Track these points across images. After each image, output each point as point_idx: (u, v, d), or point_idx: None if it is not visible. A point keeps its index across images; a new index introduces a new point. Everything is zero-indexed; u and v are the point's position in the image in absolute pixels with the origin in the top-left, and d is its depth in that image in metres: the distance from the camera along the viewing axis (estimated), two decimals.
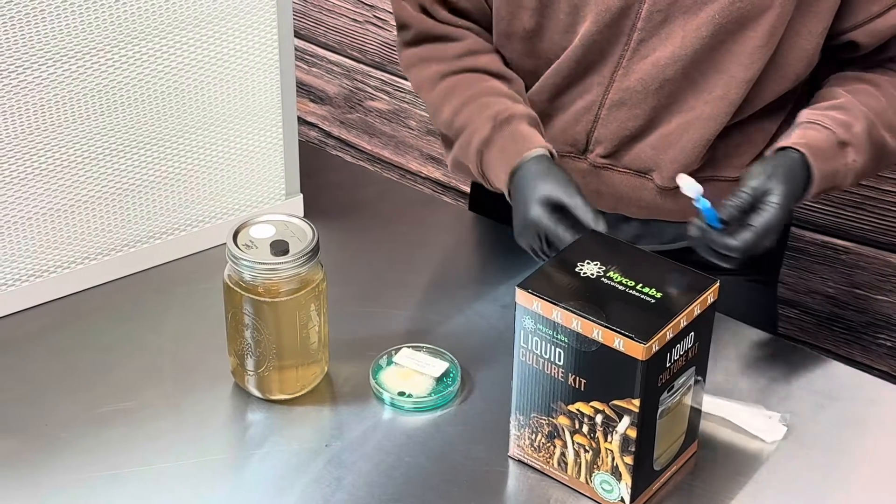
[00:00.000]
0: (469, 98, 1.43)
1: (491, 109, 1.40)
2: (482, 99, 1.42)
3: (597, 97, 1.42)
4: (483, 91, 1.43)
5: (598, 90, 1.42)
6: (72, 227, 1.49)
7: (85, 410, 1.32)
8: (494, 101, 1.42)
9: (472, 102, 1.43)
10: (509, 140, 1.38)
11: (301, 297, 1.29)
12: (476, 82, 1.45)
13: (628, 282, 1.18)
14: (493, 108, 1.41)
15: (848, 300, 2.03)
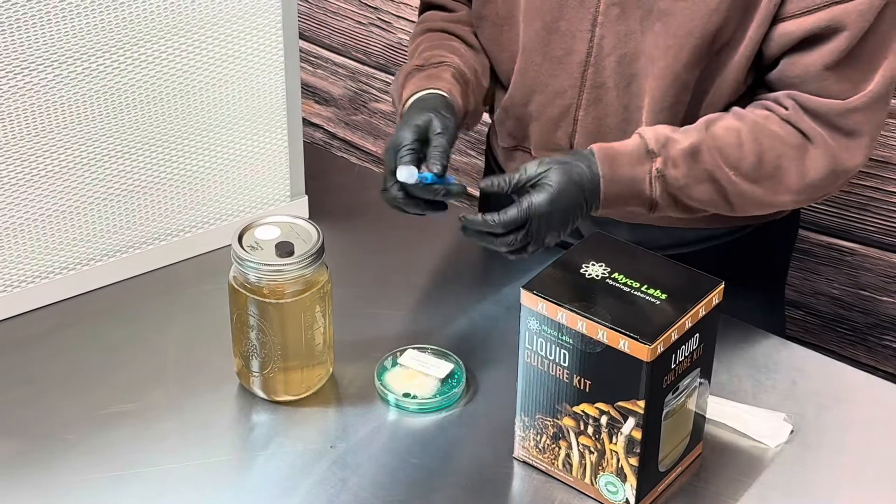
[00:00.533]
0: (429, 47, 1.47)
1: (432, 53, 1.44)
2: (436, 51, 1.46)
3: (572, 100, 1.42)
4: (442, 45, 1.47)
5: (571, 92, 1.42)
6: (77, 229, 1.48)
7: (90, 411, 1.32)
8: (441, 52, 1.45)
9: (428, 49, 1.47)
10: (424, 78, 1.40)
11: (306, 298, 1.29)
12: (445, 39, 1.49)
13: (633, 283, 1.18)
14: (435, 52, 1.44)
15: (853, 301, 2.02)
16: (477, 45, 1.50)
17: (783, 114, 1.33)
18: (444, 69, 1.42)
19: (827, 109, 1.30)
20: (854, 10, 1.24)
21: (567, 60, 1.40)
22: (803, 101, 1.31)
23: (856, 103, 1.29)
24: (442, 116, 1.33)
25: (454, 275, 1.57)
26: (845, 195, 1.93)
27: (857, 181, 1.91)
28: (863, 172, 1.90)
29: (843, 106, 1.30)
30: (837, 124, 1.31)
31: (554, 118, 1.44)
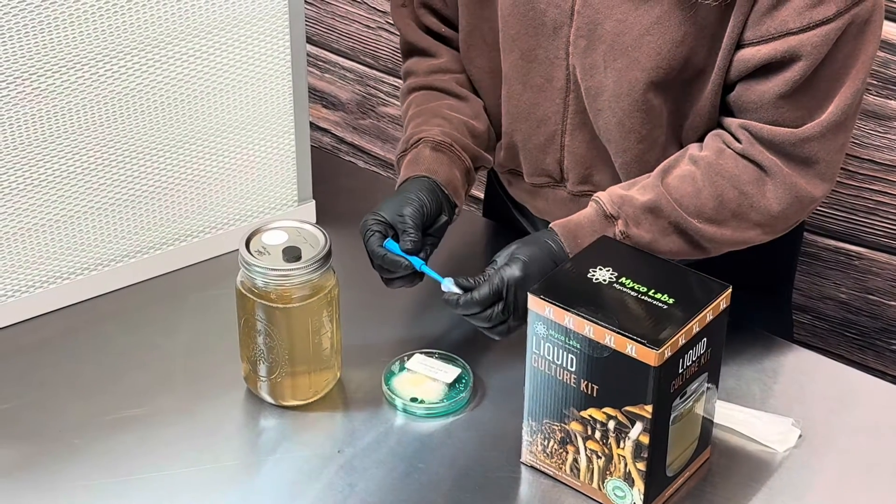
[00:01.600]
0: (416, 113, 1.47)
1: (411, 131, 1.44)
2: (422, 117, 1.46)
3: (556, 126, 1.42)
4: (428, 110, 1.47)
5: (555, 118, 1.42)
6: (85, 234, 1.48)
7: (98, 416, 1.33)
8: (425, 122, 1.45)
9: (416, 118, 1.47)
10: (406, 165, 1.42)
11: (313, 303, 1.29)
12: (429, 100, 1.49)
13: (641, 287, 1.18)
14: (412, 129, 1.44)
15: (861, 306, 2.02)
16: (464, 92, 1.50)
17: (738, 148, 1.32)
18: (422, 147, 1.42)
19: (781, 139, 1.30)
20: (809, 41, 1.24)
21: (548, 88, 1.40)
22: (756, 130, 1.31)
23: (809, 132, 1.29)
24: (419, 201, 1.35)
25: None
26: (853, 199, 1.93)
27: (865, 185, 1.91)
28: (870, 176, 1.90)
29: (796, 135, 1.29)
30: (792, 153, 1.30)
31: (541, 145, 1.44)
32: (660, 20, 1.29)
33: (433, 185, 1.38)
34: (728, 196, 1.32)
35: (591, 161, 1.42)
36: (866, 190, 1.91)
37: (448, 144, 1.42)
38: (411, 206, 1.35)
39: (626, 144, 1.37)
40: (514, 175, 1.54)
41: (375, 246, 1.32)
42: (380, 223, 1.34)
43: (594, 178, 1.44)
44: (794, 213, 1.34)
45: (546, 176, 1.47)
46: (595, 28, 1.32)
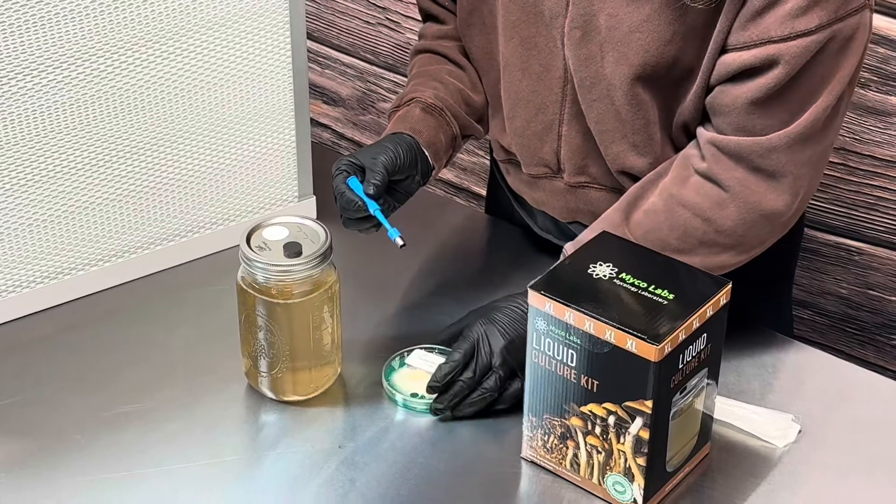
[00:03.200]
0: (416, 74, 1.51)
1: (408, 90, 1.48)
2: (420, 79, 1.50)
3: (554, 115, 1.42)
4: (428, 72, 1.50)
5: (553, 107, 1.42)
6: (85, 230, 1.48)
7: (99, 412, 1.32)
8: (423, 83, 1.48)
9: (415, 78, 1.51)
10: (396, 121, 1.45)
11: (314, 298, 1.29)
12: (430, 63, 1.52)
13: (641, 283, 1.18)
14: (409, 89, 1.48)
15: (861, 301, 2.01)
16: (465, 61, 1.52)
17: (702, 168, 1.32)
18: (413, 106, 1.45)
19: (749, 150, 1.29)
20: (788, 50, 1.24)
21: (546, 76, 1.40)
22: (723, 144, 1.30)
23: (776, 142, 1.28)
24: (395, 152, 1.38)
25: (461, 275, 1.56)
26: (853, 195, 1.93)
27: (865, 181, 1.91)
28: (870, 172, 1.90)
29: (762, 145, 1.29)
30: (759, 165, 1.30)
31: (538, 133, 1.44)
32: (649, 18, 1.29)
33: (414, 142, 1.41)
34: (691, 225, 1.32)
35: (587, 152, 1.42)
36: (867, 186, 1.91)
37: (439, 108, 1.45)
38: (385, 155, 1.37)
39: (622, 133, 1.37)
40: (512, 165, 1.54)
41: (340, 183, 1.35)
42: (351, 164, 1.36)
43: (590, 170, 1.44)
44: (763, 231, 1.34)
45: (543, 166, 1.47)
46: (590, 20, 1.33)
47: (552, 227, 1.56)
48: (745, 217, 1.32)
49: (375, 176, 1.35)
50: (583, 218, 1.49)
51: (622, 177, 1.41)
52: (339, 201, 1.36)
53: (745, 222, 1.32)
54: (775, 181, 1.31)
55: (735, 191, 1.31)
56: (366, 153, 1.38)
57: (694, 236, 1.33)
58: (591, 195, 1.46)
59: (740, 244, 1.34)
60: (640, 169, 1.39)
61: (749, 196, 1.31)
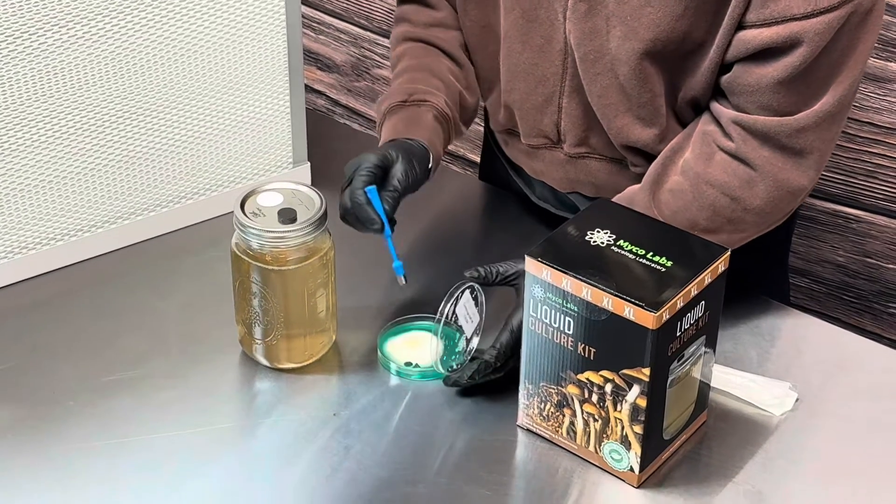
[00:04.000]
0: (413, 66, 1.46)
1: (416, 85, 1.43)
2: (419, 73, 1.45)
3: (554, 87, 1.41)
4: (426, 65, 1.46)
5: (553, 80, 1.40)
6: (79, 196, 1.47)
7: (92, 379, 1.32)
8: (426, 79, 1.44)
9: (412, 70, 1.46)
10: (406, 120, 1.40)
11: (309, 265, 1.28)
12: (427, 55, 1.47)
13: (639, 250, 1.17)
14: (419, 84, 1.43)
15: (859, 269, 2.01)
16: (463, 57, 1.48)
17: (729, 148, 1.31)
18: (427, 110, 1.41)
19: (777, 130, 1.29)
20: (812, 27, 1.22)
21: (547, 49, 1.39)
22: (749, 124, 1.30)
23: (804, 121, 1.28)
24: (411, 166, 1.35)
25: (457, 242, 1.56)
26: (852, 162, 1.92)
27: (865, 148, 1.90)
28: (870, 139, 1.89)
29: (791, 125, 1.28)
30: (787, 145, 1.29)
31: (538, 105, 1.43)
32: None
33: (427, 156, 1.38)
34: (720, 204, 1.32)
35: (588, 123, 1.41)
36: (865, 153, 1.90)
37: (449, 118, 1.43)
38: (403, 174, 1.34)
39: (627, 107, 1.35)
40: (510, 135, 1.53)
41: (359, 190, 1.31)
42: (372, 173, 1.32)
43: (591, 141, 1.43)
44: (786, 205, 1.34)
45: (543, 137, 1.46)
46: None
47: (550, 196, 1.55)
48: (772, 195, 1.32)
49: (393, 195, 1.33)
50: (582, 188, 1.48)
51: (625, 150, 1.40)
52: (354, 209, 1.32)
53: (772, 200, 1.32)
54: (802, 158, 1.30)
55: (764, 170, 1.31)
56: (391, 161, 1.34)
57: (722, 215, 1.33)
58: (591, 165, 1.45)
59: (765, 220, 1.35)
60: (644, 142, 1.38)
61: (777, 174, 1.31)
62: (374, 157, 1.33)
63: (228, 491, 1.20)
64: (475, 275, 1.30)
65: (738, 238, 1.35)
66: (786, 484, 1.22)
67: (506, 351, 1.28)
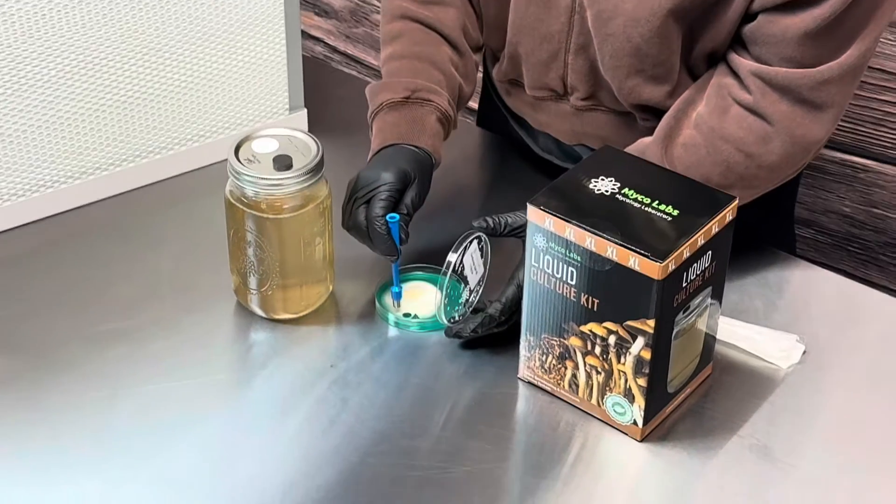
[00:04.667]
0: (413, 54, 1.41)
1: (418, 80, 1.39)
2: (421, 63, 1.41)
3: (560, 44, 1.38)
4: (428, 55, 1.41)
5: (559, 37, 1.37)
6: (69, 141, 1.45)
7: (83, 329, 1.31)
8: (428, 73, 1.40)
9: (412, 59, 1.41)
10: (410, 122, 1.36)
11: (305, 213, 1.26)
12: (426, 41, 1.42)
13: (644, 199, 1.15)
14: (421, 78, 1.39)
15: (865, 220, 2.00)
16: (462, 43, 1.44)
17: (746, 101, 1.29)
18: (430, 111, 1.37)
19: (799, 83, 1.26)
20: None
21: (553, 4, 1.36)
22: (770, 77, 1.27)
23: (828, 74, 1.25)
24: (424, 187, 1.32)
25: (458, 191, 1.54)
26: (860, 110, 1.90)
27: (873, 96, 1.88)
28: (879, 86, 1.87)
29: (814, 77, 1.26)
30: (808, 98, 1.27)
31: (544, 61, 1.40)
32: None
33: (432, 166, 1.35)
34: (734, 160, 1.30)
35: (596, 80, 1.39)
36: (874, 100, 1.88)
37: (451, 119, 1.40)
38: (421, 197, 1.32)
39: (639, 67, 1.33)
40: (514, 85, 1.50)
41: (381, 212, 1.28)
42: (396, 192, 1.29)
43: (599, 95, 1.41)
44: (799, 160, 1.33)
45: (548, 90, 1.43)
46: None
47: (554, 148, 1.52)
48: (787, 150, 1.30)
49: (406, 220, 1.30)
50: (588, 141, 1.45)
51: (634, 107, 1.38)
52: (372, 236, 1.28)
53: (787, 155, 1.30)
54: (821, 112, 1.28)
55: (781, 124, 1.28)
56: (404, 178, 1.30)
57: (736, 171, 1.31)
58: (598, 118, 1.43)
59: (777, 176, 1.33)
60: (656, 100, 1.35)
61: (794, 129, 1.28)
62: (393, 178, 1.29)
63: (222, 444, 1.19)
64: (483, 225, 1.28)
65: (748, 194, 1.33)
66: (792, 438, 1.21)
67: (511, 305, 1.26)
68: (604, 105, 1.41)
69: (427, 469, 1.16)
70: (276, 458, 1.17)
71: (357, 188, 1.30)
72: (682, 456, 1.18)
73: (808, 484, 1.16)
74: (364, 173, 1.31)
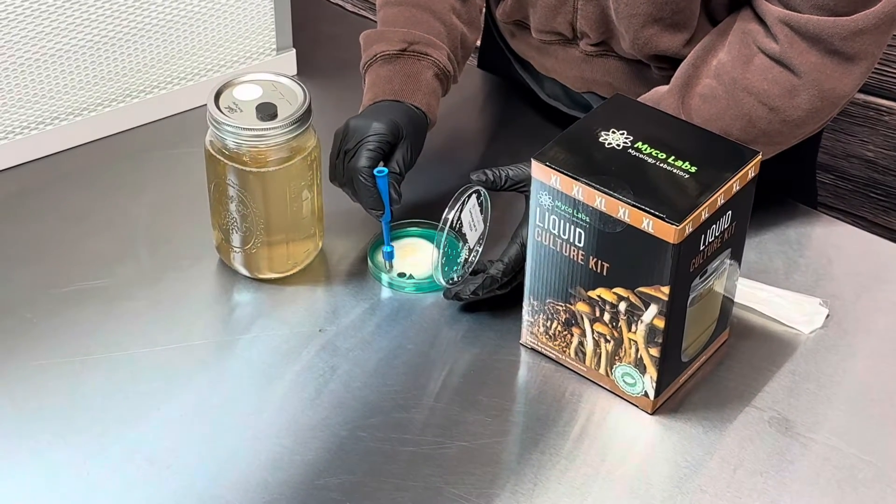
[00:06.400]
0: (410, 0, 1.35)
1: (416, 31, 1.33)
2: (420, 12, 1.35)
3: None
4: (426, 2, 1.35)
5: None
6: (38, 84, 1.41)
7: (53, 287, 1.28)
8: (428, 23, 1.34)
9: (409, 5, 1.35)
10: (404, 77, 1.31)
11: (292, 166, 1.22)
12: None
13: (659, 154, 1.09)
14: (419, 29, 1.33)
15: (889, 165, 1.97)
16: None
17: (773, 51, 1.22)
18: (427, 66, 1.31)
19: (831, 32, 1.20)
20: None
21: None
22: (800, 25, 1.20)
23: (863, 23, 1.19)
24: (417, 144, 1.27)
25: (456, 139, 1.49)
26: (886, 49, 1.83)
27: None
28: None
29: (848, 26, 1.19)
30: (839, 49, 1.21)
31: (552, 5, 1.34)
32: None
33: (426, 128, 1.30)
34: (756, 114, 1.24)
35: (607, 27, 1.33)
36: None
37: (450, 75, 1.34)
38: (413, 154, 1.26)
39: (657, 16, 1.26)
40: (519, 27, 1.44)
41: (367, 163, 1.22)
42: (380, 148, 1.23)
43: (611, 42, 1.35)
44: (826, 114, 1.27)
45: (556, 34, 1.37)
46: None
47: (561, 94, 1.47)
48: (814, 105, 1.24)
49: (398, 178, 1.24)
50: (598, 89, 1.40)
51: (649, 58, 1.32)
52: (358, 190, 1.23)
53: (813, 110, 1.24)
54: (852, 65, 1.22)
55: (809, 77, 1.22)
56: (395, 131, 1.24)
57: (758, 126, 1.24)
58: (610, 65, 1.36)
59: (802, 132, 1.27)
60: (674, 50, 1.29)
61: (823, 82, 1.22)
62: (383, 129, 1.24)
63: (201, 415, 1.16)
64: (482, 178, 1.22)
65: (770, 150, 1.27)
66: (814, 409, 1.16)
67: (514, 266, 1.21)
68: (615, 52, 1.35)
69: (421, 444, 1.12)
70: (259, 431, 1.14)
71: (346, 139, 1.25)
72: (695, 430, 1.14)
73: (830, 460, 1.12)
74: (353, 122, 1.26)
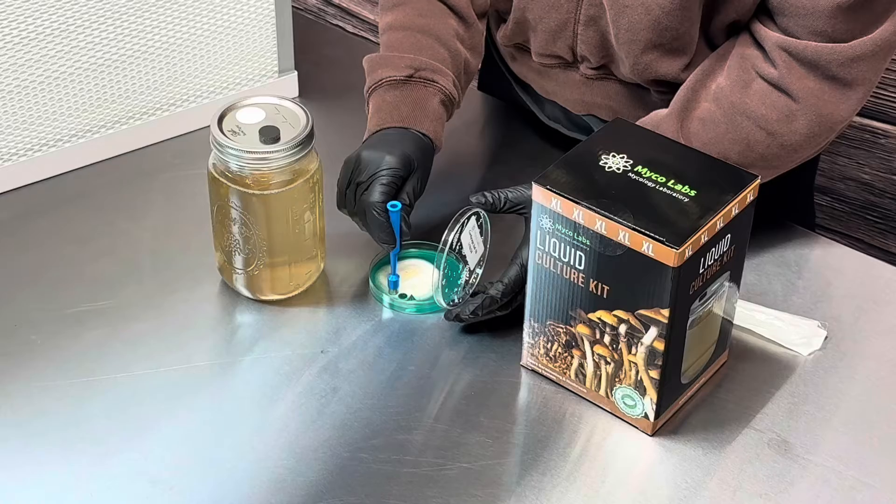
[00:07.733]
0: (414, 25, 1.36)
1: (422, 57, 1.33)
2: (425, 38, 1.35)
3: (569, 14, 1.33)
4: (432, 29, 1.35)
5: (568, 6, 1.32)
6: (41, 107, 1.42)
7: (57, 310, 1.28)
8: (433, 49, 1.34)
9: (413, 31, 1.35)
10: (411, 104, 1.31)
11: (294, 189, 1.22)
12: (430, 12, 1.37)
13: (659, 177, 1.10)
14: (425, 55, 1.33)
15: (885, 187, 1.97)
16: (470, 14, 1.38)
17: (771, 76, 1.23)
18: (434, 93, 1.31)
19: (829, 58, 1.21)
20: None
21: None
22: (798, 51, 1.21)
23: (860, 50, 1.20)
24: (426, 175, 1.28)
25: (457, 161, 1.50)
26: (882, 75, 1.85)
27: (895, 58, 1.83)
28: None
29: (845, 53, 1.20)
30: (837, 75, 1.22)
31: (552, 30, 1.35)
32: None
33: (433, 152, 1.30)
34: (755, 138, 1.25)
35: (608, 51, 1.33)
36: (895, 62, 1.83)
37: (455, 101, 1.34)
38: (423, 185, 1.27)
39: (657, 42, 1.27)
40: (519, 50, 1.44)
41: (380, 198, 1.22)
42: (394, 183, 1.23)
43: (611, 66, 1.36)
44: (823, 139, 1.28)
45: (556, 58, 1.38)
46: None
47: (561, 116, 1.47)
48: (812, 130, 1.25)
49: (408, 210, 1.25)
50: (598, 112, 1.40)
51: (648, 83, 1.33)
52: (370, 223, 1.24)
53: (811, 135, 1.25)
54: (849, 90, 1.23)
55: (806, 102, 1.23)
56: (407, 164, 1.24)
57: (756, 150, 1.25)
58: (610, 88, 1.37)
59: (799, 156, 1.28)
60: (673, 74, 1.30)
61: (821, 108, 1.23)
62: (396, 164, 1.24)
63: (203, 436, 1.16)
64: (482, 201, 1.23)
65: (767, 174, 1.28)
66: (813, 431, 1.17)
67: (513, 287, 1.22)
68: (615, 75, 1.35)
69: (422, 465, 1.13)
70: (261, 452, 1.14)
71: (358, 171, 1.25)
72: (695, 451, 1.14)
73: (830, 482, 1.12)
74: (366, 154, 1.25)
